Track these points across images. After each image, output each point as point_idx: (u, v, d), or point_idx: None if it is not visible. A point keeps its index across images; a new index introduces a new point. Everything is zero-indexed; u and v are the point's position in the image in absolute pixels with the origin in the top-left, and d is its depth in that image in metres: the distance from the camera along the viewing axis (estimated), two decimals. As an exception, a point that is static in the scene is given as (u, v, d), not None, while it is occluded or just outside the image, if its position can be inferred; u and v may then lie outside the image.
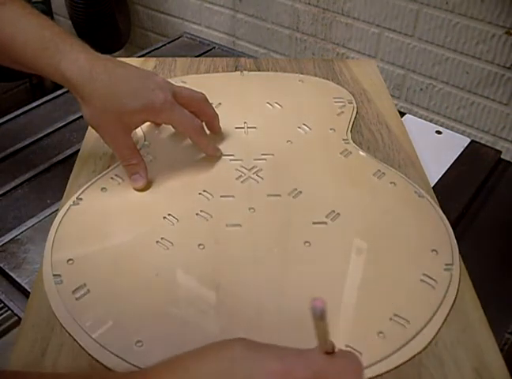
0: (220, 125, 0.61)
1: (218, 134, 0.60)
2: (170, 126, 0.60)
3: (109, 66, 0.49)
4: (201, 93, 0.56)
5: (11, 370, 0.35)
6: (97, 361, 0.38)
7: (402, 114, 0.70)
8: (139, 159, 0.52)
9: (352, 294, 0.44)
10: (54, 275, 0.44)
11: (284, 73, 0.73)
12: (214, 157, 0.57)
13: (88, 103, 0.49)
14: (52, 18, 1.51)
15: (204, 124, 0.57)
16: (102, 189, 0.52)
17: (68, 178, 0.54)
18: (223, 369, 0.29)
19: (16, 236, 0.51)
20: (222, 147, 0.58)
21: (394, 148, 0.60)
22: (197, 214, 0.50)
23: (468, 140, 0.67)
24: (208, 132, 0.58)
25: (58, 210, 0.51)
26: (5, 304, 0.47)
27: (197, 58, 0.78)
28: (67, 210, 0.50)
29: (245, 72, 0.72)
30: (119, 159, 0.53)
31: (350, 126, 0.62)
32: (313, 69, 0.74)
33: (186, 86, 0.57)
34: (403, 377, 0.38)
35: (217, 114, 0.58)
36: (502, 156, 0.65)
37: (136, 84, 0.50)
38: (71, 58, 0.47)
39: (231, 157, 0.57)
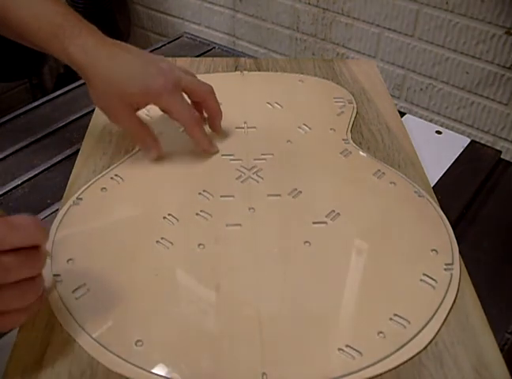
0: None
1: (218, 134, 0.60)
2: (170, 126, 0.60)
3: (114, 51, 0.51)
4: (209, 85, 0.56)
5: None
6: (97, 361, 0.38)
7: (402, 114, 0.70)
8: (146, 133, 0.54)
9: (351, 294, 0.44)
10: (54, 274, 0.44)
11: (284, 73, 0.73)
12: (210, 153, 0.57)
13: (92, 85, 0.51)
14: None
15: (207, 119, 0.58)
16: (102, 189, 0.52)
17: (68, 178, 0.54)
18: None
19: (16, 236, 0.51)
20: (222, 147, 0.58)
21: (394, 148, 0.60)
22: (197, 214, 0.50)
23: (468, 140, 0.67)
24: (209, 130, 0.59)
25: (58, 210, 0.51)
26: (5, 304, 0.47)
27: (197, 58, 0.78)
28: (67, 210, 0.50)
29: (245, 72, 0.72)
30: (128, 135, 0.54)
31: (350, 126, 0.62)
32: (313, 69, 0.74)
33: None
34: (403, 377, 0.38)
35: (221, 112, 0.58)
36: (502, 156, 0.65)
37: (137, 68, 0.51)
38: (78, 44, 0.50)
39: (231, 157, 0.57)
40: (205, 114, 0.59)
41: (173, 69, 0.54)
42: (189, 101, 0.55)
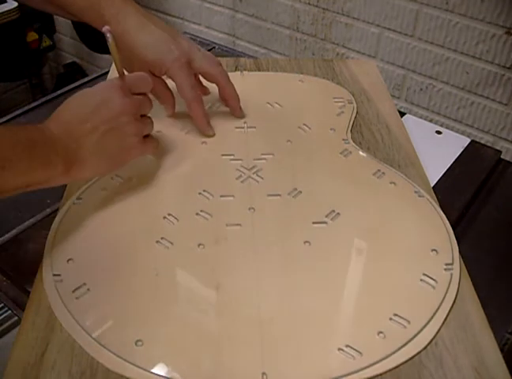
0: (220, 125, 0.61)
1: (238, 116, 0.62)
2: (170, 126, 0.60)
3: (142, 22, 0.56)
4: (223, 70, 0.59)
5: None
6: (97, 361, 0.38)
7: (402, 114, 0.70)
8: (161, 92, 0.59)
9: (351, 294, 0.44)
10: (54, 274, 0.44)
11: (284, 73, 0.73)
12: (206, 135, 0.59)
13: (120, 51, 0.56)
14: (53, 19, 1.51)
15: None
16: (102, 189, 0.52)
17: (68, 178, 0.54)
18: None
19: (16, 236, 0.51)
20: (222, 147, 0.58)
21: (394, 148, 0.60)
22: (197, 214, 0.50)
23: (468, 140, 0.67)
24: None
25: (58, 210, 0.51)
26: (5, 304, 0.47)
27: (197, 58, 0.78)
28: (67, 210, 0.50)
29: (245, 72, 0.72)
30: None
31: (350, 126, 0.62)
32: (313, 69, 0.74)
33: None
34: (403, 377, 0.38)
35: (236, 94, 0.61)
36: (502, 156, 0.65)
37: (157, 41, 0.56)
38: (112, 13, 0.55)
39: (231, 157, 0.57)
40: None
41: (191, 48, 0.57)
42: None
